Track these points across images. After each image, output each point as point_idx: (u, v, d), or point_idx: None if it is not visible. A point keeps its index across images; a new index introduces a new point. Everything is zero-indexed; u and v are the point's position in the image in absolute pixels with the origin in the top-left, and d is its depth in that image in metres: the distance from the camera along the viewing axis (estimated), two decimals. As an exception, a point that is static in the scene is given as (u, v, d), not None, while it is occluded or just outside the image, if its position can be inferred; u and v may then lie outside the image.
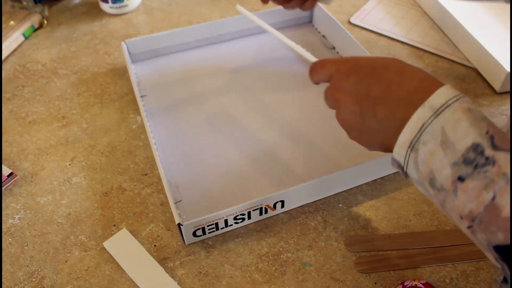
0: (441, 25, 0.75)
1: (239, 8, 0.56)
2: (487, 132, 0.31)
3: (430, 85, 0.34)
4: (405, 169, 0.35)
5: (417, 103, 0.33)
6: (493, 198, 0.29)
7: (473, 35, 0.67)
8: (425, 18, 0.78)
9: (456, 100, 0.33)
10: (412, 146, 0.33)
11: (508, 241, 0.29)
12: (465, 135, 0.31)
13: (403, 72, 0.36)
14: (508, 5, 0.58)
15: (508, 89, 0.64)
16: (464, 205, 0.31)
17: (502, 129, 0.58)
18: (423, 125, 0.33)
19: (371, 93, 0.37)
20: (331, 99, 0.41)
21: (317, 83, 0.44)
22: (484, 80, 0.66)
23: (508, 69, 0.61)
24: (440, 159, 0.32)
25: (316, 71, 0.43)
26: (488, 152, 0.30)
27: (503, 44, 0.67)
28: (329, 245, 0.47)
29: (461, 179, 0.31)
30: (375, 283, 0.44)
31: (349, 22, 0.78)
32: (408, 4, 0.82)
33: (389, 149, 0.37)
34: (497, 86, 0.64)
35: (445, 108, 0.32)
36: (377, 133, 0.37)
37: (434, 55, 0.71)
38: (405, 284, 0.43)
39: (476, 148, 0.31)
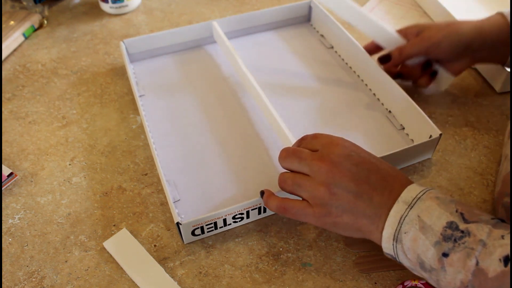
0: (441, 25, 0.75)
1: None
2: (456, 211, 0.36)
3: (409, 182, 0.40)
4: (398, 260, 0.39)
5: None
6: (477, 263, 0.33)
7: (473, 35, 0.67)
8: (425, 18, 0.78)
9: (424, 193, 0.37)
10: (396, 238, 0.37)
11: None
12: (439, 217, 0.36)
13: (391, 168, 0.41)
14: (508, 8, 0.58)
15: (508, 89, 0.64)
16: (454, 278, 0.34)
17: (503, 128, 0.58)
18: (401, 217, 0.37)
19: (371, 179, 0.39)
20: (325, 171, 0.40)
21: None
22: (484, 80, 0.66)
23: (508, 69, 0.61)
24: (422, 243, 0.36)
25: (303, 139, 0.45)
26: (462, 226, 0.35)
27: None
28: (329, 245, 0.47)
29: (445, 255, 0.35)
30: (375, 283, 0.44)
31: (349, 22, 0.78)
32: (408, 4, 0.82)
33: (368, 236, 0.40)
34: (497, 86, 0.64)
35: (417, 200, 0.37)
36: (367, 217, 0.39)
37: (434, 55, 0.70)
38: (405, 284, 0.43)
39: (451, 225, 0.35)
